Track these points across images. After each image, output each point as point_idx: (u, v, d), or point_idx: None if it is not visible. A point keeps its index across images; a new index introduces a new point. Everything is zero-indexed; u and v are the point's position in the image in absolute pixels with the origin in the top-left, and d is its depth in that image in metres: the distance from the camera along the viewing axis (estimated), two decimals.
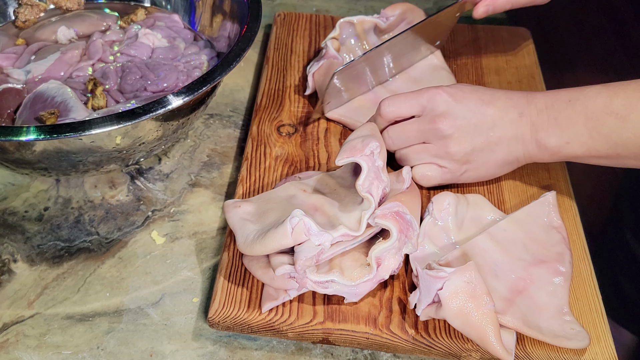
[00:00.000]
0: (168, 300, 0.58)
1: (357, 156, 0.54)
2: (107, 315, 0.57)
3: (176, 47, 0.73)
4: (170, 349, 0.55)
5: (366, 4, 0.95)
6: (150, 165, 0.70)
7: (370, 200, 0.54)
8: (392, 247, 0.53)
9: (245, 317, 0.54)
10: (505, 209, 0.64)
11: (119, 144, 0.57)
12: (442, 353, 0.54)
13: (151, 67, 0.69)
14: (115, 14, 0.77)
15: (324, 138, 0.71)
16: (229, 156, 0.71)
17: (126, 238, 0.63)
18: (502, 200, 0.65)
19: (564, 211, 0.64)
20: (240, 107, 0.77)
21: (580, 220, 0.64)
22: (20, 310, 0.57)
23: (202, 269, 0.61)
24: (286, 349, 0.55)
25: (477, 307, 0.51)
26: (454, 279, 0.51)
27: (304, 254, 0.51)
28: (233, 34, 0.71)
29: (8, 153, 0.56)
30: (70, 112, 0.61)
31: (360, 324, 0.55)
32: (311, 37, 0.84)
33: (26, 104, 0.63)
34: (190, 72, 0.69)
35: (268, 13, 0.91)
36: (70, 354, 0.54)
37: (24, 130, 0.51)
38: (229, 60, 0.60)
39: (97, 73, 0.69)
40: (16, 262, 0.60)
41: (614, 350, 0.54)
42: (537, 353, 0.53)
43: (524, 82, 0.79)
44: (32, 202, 0.65)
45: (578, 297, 0.58)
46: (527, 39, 0.86)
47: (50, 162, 0.57)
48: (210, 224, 0.64)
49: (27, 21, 0.75)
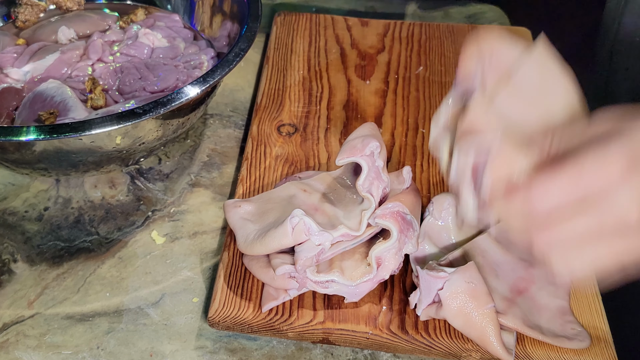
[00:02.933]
0: (168, 300, 0.58)
1: (357, 156, 0.54)
2: (107, 315, 0.57)
3: (176, 47, 0.73)
4: (170, 349, 0.55)
5: (366, 4, 0.95)
6: (150, 165, 0.69)
7: (370, 200, 0.54)
8: (393, 247, 0.53)
9: (245, 317, 0.54)
10: None
11: (119, 144, 0.57)
12: (442, 353, 0.54)
13: (151, 68, 0.68)
14: (116, 14, 0.78)
15: (324, 138, 0.71)
16: (229, 156, 0.71)
17: (126, 238, 0.63)
18: None
19: None
20: (240, 107, 0.77)
21: None
22: (20, 310, 0.57)
23: (202, 269, 0.61)
24: (286, 349, 0.55)
25: (477, 307, 0.51)
26: (455, 279, 0.51)
27: (304, 253, 0.51)
28: (233, 34, 0.71)
29: (8, 153, 0.56)
30: (70, 111, 0.61)
31: (360, 324, 0.55)
32: (311, 37, 0.84)
33: (25, 104, 0.63)
34: (191, 72, 0.69)
35: (268, 13, 0.91)
36: (70, 354, 0.54)
37: (24, 130, 0.51)
38: (229, 60, 0.60)
39: (96, 73, 0.69)
40: (16, 262, 0.60)
41: (614, 351, 0.54)
42: (537, 353, 0.53)
43: None
44: (32, 202, 0.65)
45: (578, 297, 0.58)
46: (527, 39, 0.86)
47: (50, 162, 0.57)
48: (210, 224, 0.64)
49: (27, 21, 0.75)
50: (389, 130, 0.72)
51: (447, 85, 0.78)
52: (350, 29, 0.85)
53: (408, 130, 0.72)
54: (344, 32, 0.85)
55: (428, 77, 0.80)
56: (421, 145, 0.71)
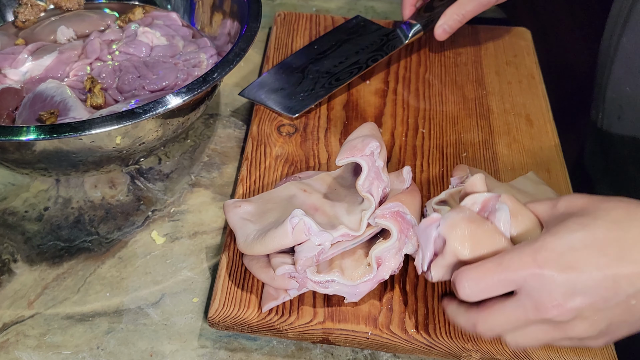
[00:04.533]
0: (168, 300, 0.58)
1: (358, 156, 0.54)
2: (107, 315, 0.57)
3: (175, 45, 0.73)
4: (170, 349, 0.55)
5: (366, 4, 0.95)
6: (150, 165, 0.69)
7: (370, 200, 0.54)
8: (393, 247, 0.53)
9: (245, 317, 0.54)
10: None
11: (119, 144, 0.57)
12: (442, 353, 0.54)
13: (150, 66, 0.68)
14: (115, 13, 0.77)
15: (324, 138, 0.71)
16: (229, 156, 0.71)
17: (126, 238, 0.63)
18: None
19: None
20: (240, 107, 0.77)
21: None
22: (20, 310, 0.57)
23: (202, 269, 0.61)
24: (286, 349, 0.55)
25: (479, 226, 0.48)
26: (450, 215, 0.49)
27: (305, 253, 0.51)
28: (233, 34, 0.71)
29: (8, 153, 0.56)
30: (70, 111, 0.61)
31: (360, 324, 0.55)
32: (311, 37, 0.84)
33: (26, 104, 0.63)
34: (190, 71, 0.69)
35: (268, 13, 0.91)
36: (70, 354, 0.54)
37: (24, 130, 0.51)
38: (229, 60, 0.60)
39: (95, 72, 0.69)
40: (16, 262, 0.60)
41: (614, 351, 0.54)
42: (537, 353, 0.53)
43: (524, 82, 0.79)
44: (32, 202, 0.65)
45: None
46: (527, 39, 0.86)
47: (51, 162, 0.57)
48: (210, 224, 0.64)
49: (27, 21, 0.75)
50: (389, 130, 0.72)
51: (447, 86, 0.78)
52: None
53: (408, 130, 0.72)
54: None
55: (428, 77, 0.80)
56: (421, 145, 0.71)
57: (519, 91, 0.78)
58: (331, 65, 0.77)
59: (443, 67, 0.81)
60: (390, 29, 0.81)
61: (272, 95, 0.74)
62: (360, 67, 0.76)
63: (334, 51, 0.79)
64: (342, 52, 0.79)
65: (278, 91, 0.74)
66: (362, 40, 0.80)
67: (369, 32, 0.81)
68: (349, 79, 0.75)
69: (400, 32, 0.79)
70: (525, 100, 0.77)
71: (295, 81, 0.75)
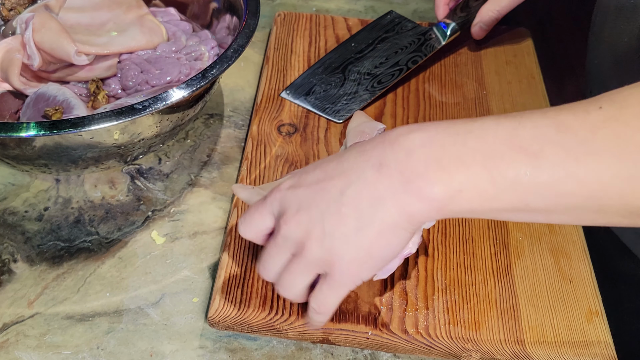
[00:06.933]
0: (168, 300, 0.58)
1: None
2: (107, 315, 0.57)
3: (178, 40, 0.73)
4: (170, 349, 0.55)
5: (366, 4, 0.95)
6: (150, 165, 0.70)
7: None
8: None
9: (245, 317, 0.54)
10: None
11: (117, 139, 0.57)
12: (442, 353, 0.54)
13: (152, 61, 0.69)
14: None
15: (324, 138, 0.71)
16: (229, 156, 0.71)
17: (126, 238, 0.63)
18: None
19: None
20: (240, 107, 0.77)
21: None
22: (20, 310, 0.57)
23: (202, 269, 0.61)
24: (286, 349, 0.55)
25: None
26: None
27: None
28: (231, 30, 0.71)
29: (9, 149, 0.56)
30: (73, 109, 0.62)
31: (360, 324, 0.55)
32: (311, 37, 0.84)
33: (29, 104, 0.63)
34: (193, 65, 0.69)
35: (268, 13, 0.91)
36: (70, 354, 0.54)
37: (24, 126, 0.51)
38: (228, 57, 0.60)
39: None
40: (16, 262, 0.60)
41: (613, 351, 0.54)
42: (537, 353, 0.53)
43: (524, 82, 0.79)
44: (32, 202, 0.65)
45: (578, 297, 0.58)
46: (527, 39, 0.86)
47: (50, 157, 0.57)
48: (210, 224, 0.64)
49: (14, 9, 0.72)
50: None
51: (447, 85, 0.78)
52: (350, 29, 0.85)
53: None
54: (344, 32, 0.85)
55: (428, 77, 0.80)
56: None
57: (519, 91, 0.78)
58: (372, 66, 0.77)
59: (443, 67, 0.81)
60: (427, 27, 0.81)
61: (314, 98, 0.74)
62: (401, 70, 0.76)
63: (371, 50, 0.79)
64: (380, 51, 0.78)
65: (320, 93, 0.74)
66: (399, 40, 0.80)
67: (405, 31, 0.81)
68: (390, 82, 0.75)
69: (437, 32, 0.79)
70: (525, 100, 0.77)
71: (337, 82, 0.75)
